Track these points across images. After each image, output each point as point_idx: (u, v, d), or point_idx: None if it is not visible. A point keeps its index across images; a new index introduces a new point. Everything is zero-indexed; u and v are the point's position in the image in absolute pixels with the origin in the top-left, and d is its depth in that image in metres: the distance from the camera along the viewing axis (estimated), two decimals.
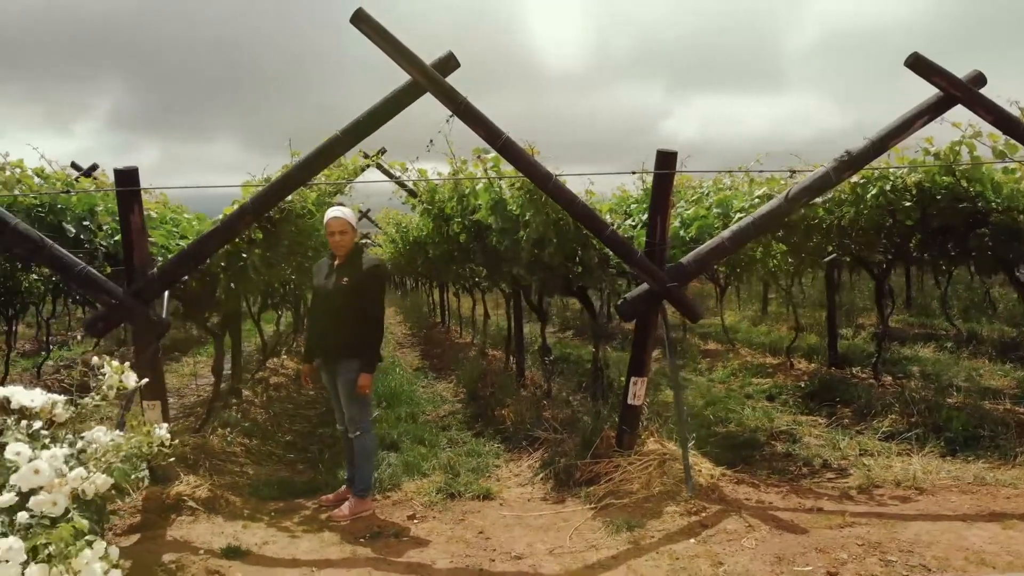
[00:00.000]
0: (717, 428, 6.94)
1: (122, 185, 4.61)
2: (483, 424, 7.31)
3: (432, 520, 4.67)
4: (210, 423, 6.44)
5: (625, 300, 4.97)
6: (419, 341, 14.80)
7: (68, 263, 4.50)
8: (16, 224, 4.44)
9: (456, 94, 4.61)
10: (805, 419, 7.19)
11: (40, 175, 5.50)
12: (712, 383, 9.32)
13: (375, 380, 9.14)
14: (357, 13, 4.52)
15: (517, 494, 5.22)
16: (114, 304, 4.55)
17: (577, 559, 3.96)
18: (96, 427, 3.57)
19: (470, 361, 10.27)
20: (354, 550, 4.18)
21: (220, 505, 4.86)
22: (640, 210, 6.51)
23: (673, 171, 4.89)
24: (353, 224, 4.82)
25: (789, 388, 8.37)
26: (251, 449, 6.49)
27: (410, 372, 10.76)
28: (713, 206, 5.62)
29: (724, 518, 4.30)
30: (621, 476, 5.11)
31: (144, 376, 4.84)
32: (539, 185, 4.81)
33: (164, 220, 6.03)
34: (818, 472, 5.51)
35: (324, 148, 4.69)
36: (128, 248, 4.69)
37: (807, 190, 4.91)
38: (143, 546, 4.17)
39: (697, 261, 4.94)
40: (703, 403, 7.93)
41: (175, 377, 10.65)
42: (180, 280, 4.89)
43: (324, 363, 4.92)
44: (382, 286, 4.89)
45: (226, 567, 3.92)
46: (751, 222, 4.91)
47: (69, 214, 5.16)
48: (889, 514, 4.36)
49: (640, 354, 5.20)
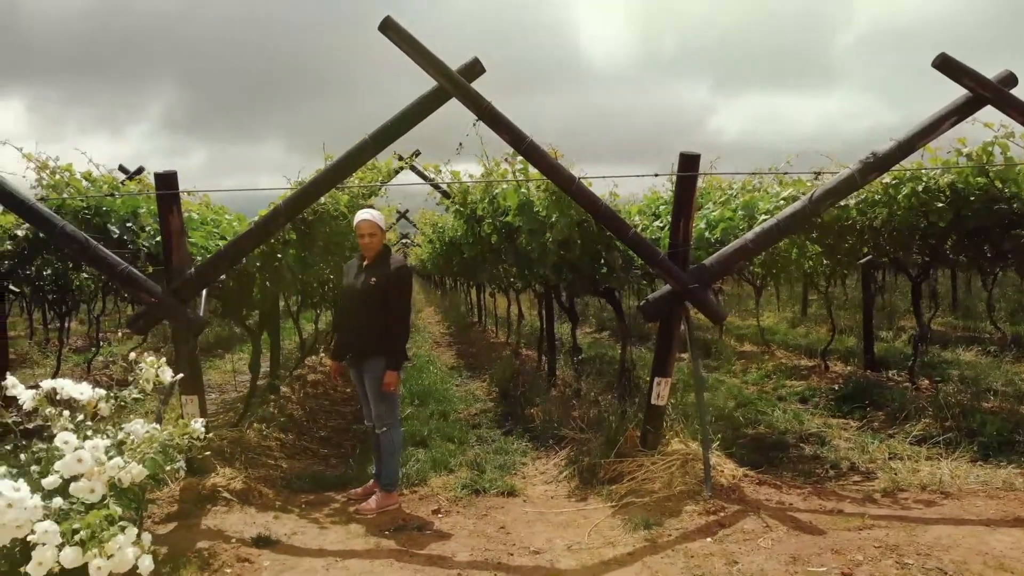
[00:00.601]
0: (746, 430, 6.94)
1: (161, 188, 4.82)
2: (513, 422, 7.41)
3: (456, 515, 4.78)
4: (247, 418, 6.65)
5: (647, 301, 5.02)
6: (455, 340, 14.96)
7: (111, 263, 4.72)
8: (63, 226, 4.67)
9: (481, 99, 4.71)
10: (836, 422, 7.14)
11: (88, 178, 5.75)
12: (746, 384, 9.29)
13: (408, 378, 9.37)
14: (385, 21, 4.66)
15: (541, 491, 5.31)
16: (154, 302, 4.76)
17: (594, 555, 4.04)
18: (134, 420, 3.76)
19: (503, 360, 10.38)
20: (378, 542, 4.31)
21: (253, 496, 5.04)
22: (669, 211, 6.54)
23: (696, 173, 4.92)
24: (382, 226, 4.96)
25: (822, 391, 8.31)
26: (286, 443, 6.69)
27: (445, 371, 10.91)
28: (739, 208, 5.63)
29: (742, 518, 4.33)
30: (644, 475, 5.17)
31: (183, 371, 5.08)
32: (562, 187, 4.89)
33: (205, 221, 6.25)
34: (845, 475, 5.50)
35: (353, 152, 4.84)
36: (167, 249, 4.90)
37: (831, 192, 4.91)
38: (179, 534, 4.37)
39: (720, 263, 4.97)
40: (734, 404, 7.91)
41: (218, 373, 10.98)
42: (216, 280, 5.07)
43: (352, 361, 5.06)
44: (408, 286, 5.01)
45: (255, 555, 4.09)
46: (774, 224, 4.92)
47: (114, 216, 5.40)
48: (911, 517, 4.34)
49: (664, 354, 5.24)
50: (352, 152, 4.83)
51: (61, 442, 3.36)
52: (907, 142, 4.86)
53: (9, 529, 3.04)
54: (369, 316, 4.89)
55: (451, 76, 4.68)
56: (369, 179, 6.76)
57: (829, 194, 4.91)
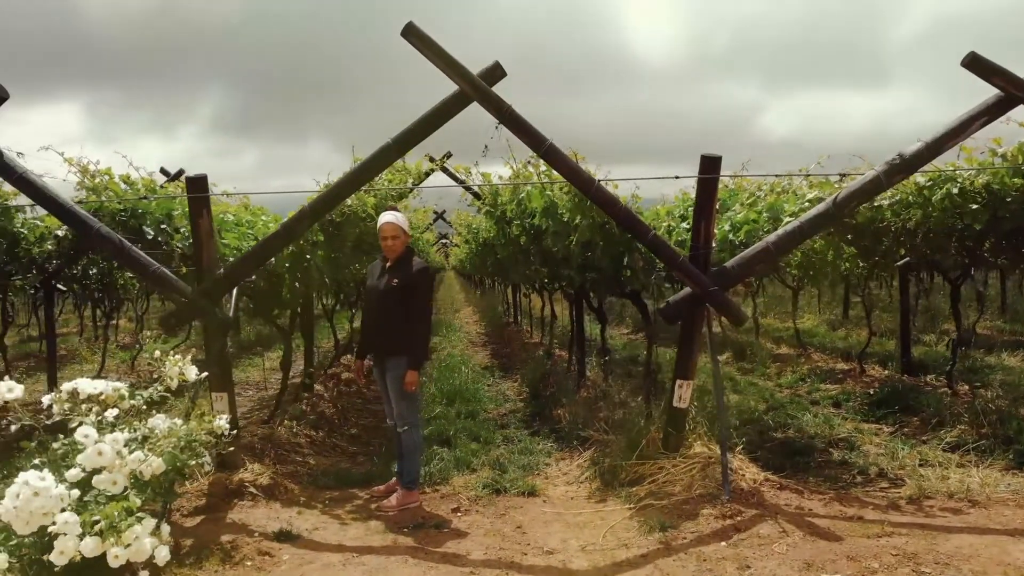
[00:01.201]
0: (775, 434, 6.87)
1: (192, 191, 4.97)
2: (540, 423, 7.45)
3: (475, 514, 4.84)
4: (278, 415, 6.81)
5: (667, 303, 5.01)
6: (491, 340, 15.04)
7: (143, 263, 4.88)
8: (99, 228, 4.85)
9: (501, 102, 4.76)
10: (868, 427, 7.03)
11: (126, 181, 5.95)
12: (779, 388, 9.18)
13: (439, 378, 9.46)
14: (407, 27, 4.73)
15: (562, 492, 5.34)
16: (184, 302, 4.91)
17: (607, 556, 4.05)
18: (157, 415, 3.89)
19: (535, 361, 10.42)
20: (396, 539, 4.39)
21: (279, 492, 5.16)
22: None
23: (717, 175, 4.90)
24: (405, 228, 5.04)
25: (857, 395, 8.18)
26: (316, 440, 6.82)
27: (478, 370, 10.98)
28: (764, 210, 5.57)
29: (759, 523, 4.30)
30: (665, 478, 5.16)
31: (212, 369, 5.22)
32: (582, 190, 4.91)
33: (240, 223, 6.42)
34: (872, 481, 5.41)
35: (377, 155, 4.92)
36: (198, 249, 5.05)
37: (857, 194, 4.84)
38: (205, 527, 4.50)
39: (741, 265, 4.94)
40: (764, 408, 7.84)
41: (257, 371, 11.23)
42: (245, 280, 5.20)
43: (375, 360, 5.15)
44: (430, 288, 5.08)
45: (276, 549, 4.19)
46: (797, 227, 4.87)
47: (149, 218, 5.58)
48: (934, 526, 4.26)
49: (685, 357, 5.22)
50: (376, 155, 4.92)
51: (81, 436, 3.50)
52: (935, 143, 4.77)
53: (36, 516, 3.19)
54: (391, 317, 4.98)
55: (472, 80, 4.74)
56: (398, 181, 6.84)
57: (854, 196, 4.85)
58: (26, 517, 3.17)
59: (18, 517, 3.16)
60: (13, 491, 3.19)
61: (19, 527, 3.18)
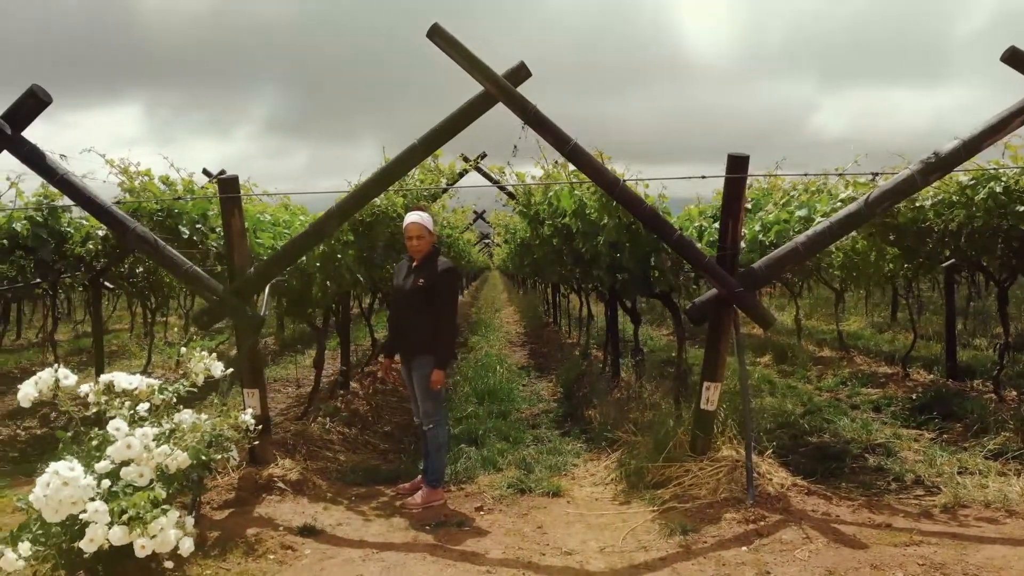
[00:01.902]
0: (810, 438, 6.75)
1: (223, 192, 5.08)
2: (571, 423, 7.44)
3: (497, 513, 4.85)
4: (311, 412, 6.92)
5: (694, 304, 4.96)
6: (530, 340, 15.04)
7: (177, 262, 5.01)
8: (135, 227, 5.00)
9: (526, 102, 4.76)
10: (908, 433, 6.85)
11: (165, 182, 6.12)
12: (819, 391, 9.00)
13: (474, 377, 9.50)
14: (433, 28, 4.77)
15: (587, 493, 5.32)
16: (215, 300, 5.03)
17: (625, 558, 4.03)
18: (184, 410, 4.00)
19: (570, 361, 10.39)
20: (416, 536, 4.43)
21: (307, 487, 5.25)
22: None
23: (745, 175, 4.83)
24: (430, 228, 5.08)
25: (899, 399, 7.98)
26: (348, 437, 6.92)
27: (514, 370, 11.00)
28: (795, 210, 5.47)
29: (782, 528, 4.23)
30: (691, 481, 5.11)
31: (244, 366, 5.33)
32: (606, 190, 4.89)
33: (277, 223, 6.54)
34: (907, 488, 5.27)
35: (403, 157, 4.97)
36: (229, 249, 5.17)
37: (889, 194, 4.72)
38: (232, 520, 4.60)
39: (769, 266, 4.86)
40: (801, 411, 7.70)
41: (298, 368, 11.41)
42: (275, 279, 5.30)
43: (402, 359, 5.21)
44: (455, 287, 5.11)
45: (299, 543, 4.27)
46: (827, 227, 4.77)
47: (185, 218, 5.73)
48: (966, 535, 4.14)
49: (713, 359, 5.16)
50: (402, 156, 4.96)
51: (113, 429, 3.62)
52: (972, 141, 4.62)
53: (65, 505, 3.31)
54: (417, 316, 5.02)
55: (497, 81, 4.75)
56: (430, 181, 6.90)
57: (887, 196, 4.73)
58: (55, 505, 3.29)
59: (48, 505, 3.28)
60: (44, 480, 3.32)
61: (48, 515, 3.30)
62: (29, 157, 4.92)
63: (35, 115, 4.93)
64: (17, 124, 4.86)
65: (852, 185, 5.69)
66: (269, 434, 5.63)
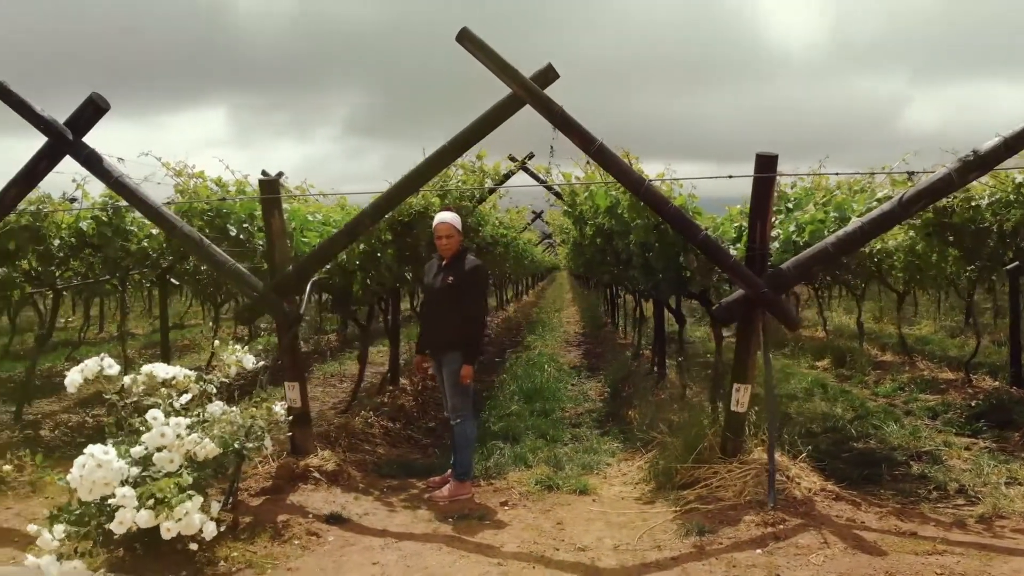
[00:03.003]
0: (856, 444, 6.59)
1: (264, 193, 5.32)
2: (612, 423, 7.45)
3: (521, 508, 4.93)
4: (355, 406, 7.13)
5: (720, 305, 4.93)
6: (586, 340, 15.04)
7: (220, 260, 5.27)
8: (182, 226, 5.28)
9: (552, 103, 4.82)
10: (962, 441, 6.61)
11: (218, 184, 6.42)
12: (874, 396, 8.75)
13: (521, 376, 9.58)
14: (461, 32, 4.88)
15: (615, 492, 5.34)
16: (256, 296, 5.27)
17: (637, 556, 4.05)
18: (216, 401, 4.22)
19: (620, 361, 10.37)
20: (436, 527, 4.55)
21: (342, 478, 5.43)
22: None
23: (774, 175, 4.77)
24: (458, 228, 5.19)
25: (957, 406, 7.70)
26: (391, 432, 7.09)
27: (566, 370, 11.04)
28: (831, 209, 5.36)
29: (800, 532, 4.17)
30: (718, 482, 5.08)
31: (284, 360, 5.55)
32: (631, 190, 4.90)
33: (327, 222, 6.77)
34: (948, 497, 5.10)
35: (433, 158, 5.10)
36: (270, 247, 5.41)
37: (924, 193, 4.59)
38: (265, 507, 4.82)
39: (798, 267, 4.79)
40: (851, 416, 7.51)
41: (353, 364, 11.73)
42: (312, 276, 5.50)
43: (432, 355, 5.34)
44: (482, 285, 5.22)
45: (324, 530, 4.44)
46: (858, 227, 4.67)
47: (233, 217, 6.01)
48: (996, 547, 4.00)
49: (743, 360, 5.11)
50: (432, 157, 5.10)
51: (151, 418, 3.86)
52: (1015, 138, 4.45)
53: (98, 486, 3.55)
54: (447, 313, 5.15)
55: (524, 83, 4.82)
56: (472, 181, 7.02)
57: (922, 195, 4.60)
58: (89, 486, 3.54)
59: (82, 485, 3.54)
60: (80, 461, 3.57)
61: (83, 494, 3.55)
62: (88, 160, 5.26)
63: (95, 121, 5.27)
64: (78, 130, 5.20)
65: (893, 184, 5.54)
66: (309, 426, 5.85)
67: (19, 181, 5.47)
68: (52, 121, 5.17)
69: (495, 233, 11.67)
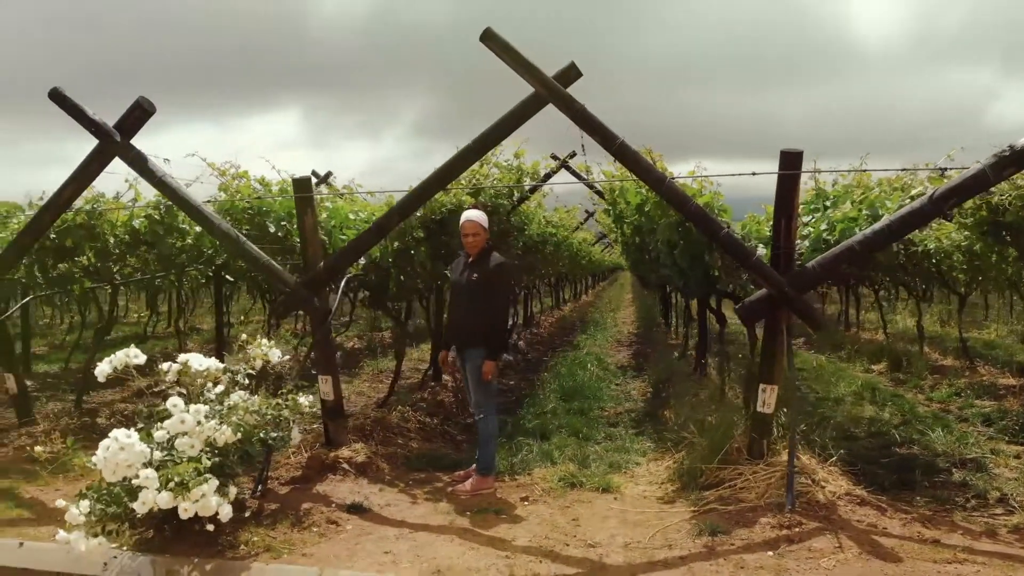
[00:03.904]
0: (899, 449, 6.39)
1: (297, 192, 5.49)
2: (649, 423, 7.40)
3: (541, 504, 4.96)
4: (392, 401, 7.27)
5: (744, 304, 4.86)
6: (639, 340, 14.92)
7: (255, 256, 5.46)
8: (220, 224, 5.49)
9: (573, 101, 4.84)
10: (1010, 449, 6.33)
11: (262, 183, 6.65)
12: (928, 401, 8.45)
13: (561, 375, 9.59)
14: (485, 32, 4.94)
15: (639, 491, 5.32)
16: (287, 291, 5.44)
17: (645, 554, 4.04)
18: (237, 391, 4.38)
19: (666, 361, 10.28)
20: (453, 520, 4.63)
21: (371, 470, 5.56)
22: (807, 211, 6.21)
23: (798, 172, 4.68)
24: (484, 226, 5.26)
25: (1014, 413, 7.37)
26: (428, 427, 7.20)
27: (612, 369, 10.99)
28: (864, 207, 5.21)
29: (816, 536, 4.08)
30: (742, 484, 5.01)
31: (317, 354, 5.71)
32: (653, 188, 4.88)
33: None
34: (986, 506, 4.91)
35: (458, 157, 5.18)
36: (303, 244, 5.58)
37: (957, 190, 4.44)
38: (292, 495, 4.98)
39: (823, 266, 4.69)
40: (898, 421, 7.28)
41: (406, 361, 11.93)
42: (342, 271, 5.64)
43: (457, 350, 5.42)
44: (506, 283, 5.27)
45: (344, 519, 4.57)
46: (885, 226, 4.55)
47: (272, 216, 6.21)
48: (1022, 557, 3.84)
49: (769, 360, 5.03)
50: (457, 157, 5.18)
51: (171, 405, 4.05)
52: None
53: (121, 468, 3.75)
54: (471, 309, 5.23)
55: (545, 81, 4.86)
56: (508, 179, 7.07)
57: (955, 192, 4.44)
58: (112, 467, 3.74)
59: (106, 466, 3.74)
60: (105, 444, 3.78)
61: (107, 475, 3.76)
62: (134, 161, 5.52)
63: (141, 123, 5.52)
64: (125, 132, 5.47)
65: (932, 181, 5.36)
66: (343, 418, 6.01)
67: (73, 181, 5.80)
68: (102, 124, 5.45)
69: (543, 232, 11.72)
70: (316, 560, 4.00)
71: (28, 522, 4.66)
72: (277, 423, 4.70)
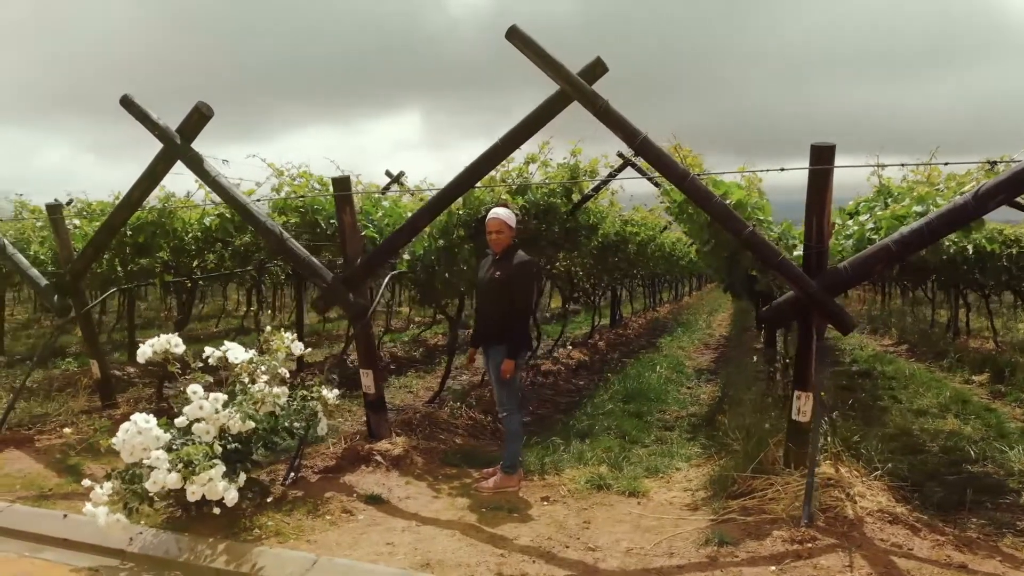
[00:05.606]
0: (969, 467, 5.92)
1: (337, 191, 5.67)
2: (705, 428, 7.18)
3: (559, 504, 4.91)
4: (444, 396, 7.38)
5: (769, 306, 4.64)
6: (728, 344, 14.46)
7: (296, 253, 5.67)
8: (265, 221, 5.74)
9: (597, 97, 4.77)
10: None
11: (320, 183, 6.90)
12: (1020, 415, 7.77)
13: (627, 377, 9.43)
14: (511, 30, 4.94)
15: (668, 497, 5.17)
16: (325, 287, 5.63)
17: (643, 561, 3.93)
18: (258, 382, 4.57)
19: (740, 366, 9.92)
20: (463, 515, 4.65)
21: (404, 463, 5.66)
22: (867, 208, 5.85)
23: (830, 167, 4.42)
24: (509, 224, 5.25)
25: None
26: (478, 423, 7.24)
27: (687, 373, 10.73)
28: (914, 205, 4.84)
29: (827, 553, 3.84)
30: (771, 495, 4.78)
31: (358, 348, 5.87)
32: (675, 184, 4.74)
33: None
34: None
35: (487, 155, 5.21)
36: (342, 241, 5.75)
37: (1004, 186, 4.06)
38: (319, 484, 5.14)
39: (856, 266, 4.40)
40: (979, 437, 6.74)
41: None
42: (378, 268, 5.77)
43: (483, 348, 5.44)
44: (529, 281, 5.24)
45: (359, 509, 4.68)
46: (924, 225, 4.22)
47: (323, 213, 6.44)
48: None
49: (803, 366, 4.78)
50: (484, 156, 5.21)
51: (190, 392, 4.27)
52: None
53: (137, 450, 4.00)
54: (496, 307, 5.23)
55: (568, 77, 4.81)
56: (559, 177, 7.03)
57: (1001, 188, 4.07)
58: (130, 449, 3.99)
59: (124, 448, 3.99)
60: (124, 427, 4.04)
61: (125, 456, 4.02)
62: (191, 162, 5.86)
63: (200, 127, 5.85)
64: (186, 135, 5.81)
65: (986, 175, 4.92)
66: (384, 411, 6.15)
67: (142, 182, 6.23)
68: (165, 128, 5.82)
69: (622, 231, 11.55)
70: (318, 547, 4.12)
71: (81, 496, 5.04)
72: (301, 414, 4.88)
